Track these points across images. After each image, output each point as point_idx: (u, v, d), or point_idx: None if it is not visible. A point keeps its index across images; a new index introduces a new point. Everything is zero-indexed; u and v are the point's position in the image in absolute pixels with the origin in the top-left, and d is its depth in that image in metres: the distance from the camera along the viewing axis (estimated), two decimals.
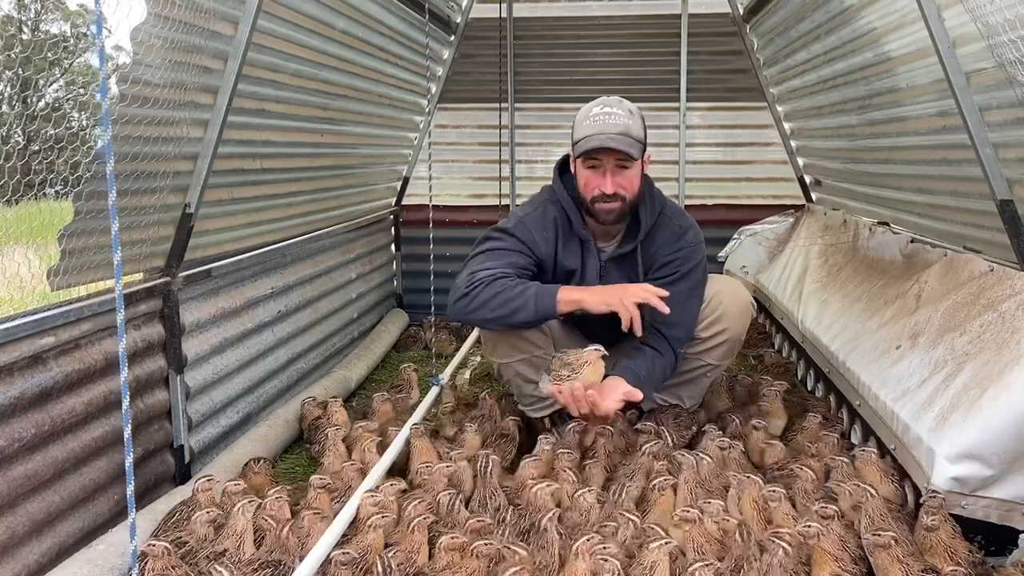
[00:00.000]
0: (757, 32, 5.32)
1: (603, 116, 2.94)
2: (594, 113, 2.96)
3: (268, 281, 3.73)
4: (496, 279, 2.89)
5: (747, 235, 5.53)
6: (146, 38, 2.36)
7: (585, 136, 2.95)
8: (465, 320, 2.99)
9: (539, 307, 2.86)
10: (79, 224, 2.33)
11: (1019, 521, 2.26)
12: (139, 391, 2.75)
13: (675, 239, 3.12)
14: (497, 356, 3.17)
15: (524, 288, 2.88)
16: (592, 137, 2.92)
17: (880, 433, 2.81)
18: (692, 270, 3.11)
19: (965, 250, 3.07)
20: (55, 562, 2.25)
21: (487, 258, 2.99)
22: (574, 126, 3.02)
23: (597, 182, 2.97)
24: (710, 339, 3.16)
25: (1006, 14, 2.18)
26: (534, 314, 2.87)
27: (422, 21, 4.60)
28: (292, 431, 3.45)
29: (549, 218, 3.08)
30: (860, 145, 4.10)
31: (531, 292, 2.87)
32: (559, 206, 3.10)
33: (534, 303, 2.86)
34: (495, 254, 3.00)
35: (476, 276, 2.90)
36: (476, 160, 5.88)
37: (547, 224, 3.07)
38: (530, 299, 2.86)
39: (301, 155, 3.98)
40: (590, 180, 2.99)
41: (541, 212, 3.10)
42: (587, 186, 3.00)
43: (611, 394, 2.83)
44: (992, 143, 2.56)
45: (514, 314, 2.87)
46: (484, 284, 2.88)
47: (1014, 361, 2.28)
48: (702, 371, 3.24)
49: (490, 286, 2.88)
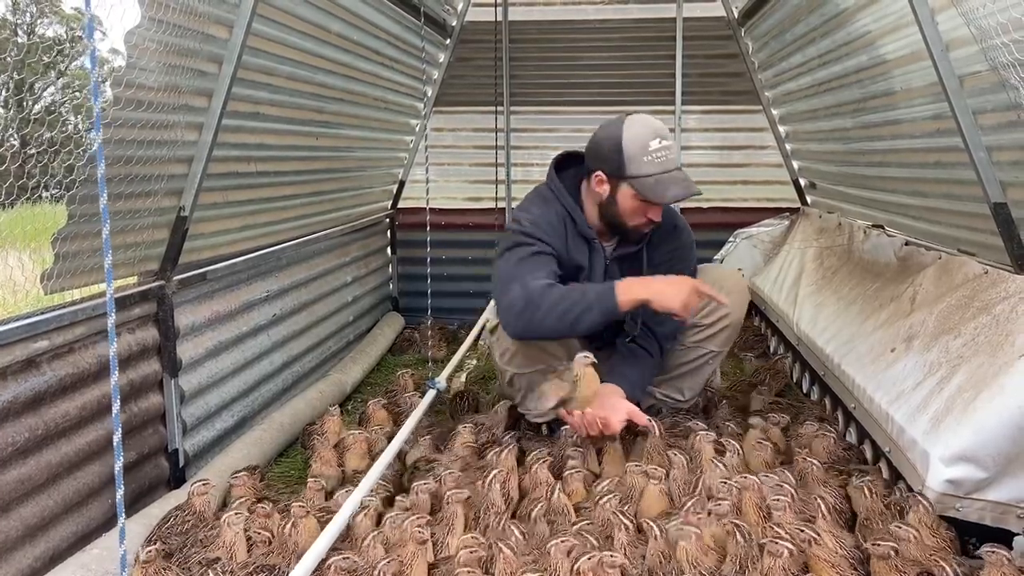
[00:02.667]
0: (752, 35, 5.33)
1: (664, 152, 2.89)
2: (653, 149, 2.88)
3: (263, 284, 3.73)
4: (551, 287, 2.86)
5: (743, 238, 5.54)
6: (140, 41, 2.36)
7: (654, 176, 2.87)
8: (529, 335, 2.93)
9: (603, 310, 2.82)
10: (73, 227, 2.32)
11: (1014, 523, 2.26)
12: (133, 395, 2.74)
13: (671, 239, 3.17)
14: (514, 366, 3.13)
15: (583, 293, 2.85)
16: (664, 179, 2.87)
17: (875, 436, 2.81)
18: (684, 270, 3.13)
19: (959, 253, 3.07)
20: (48, 567, 2.25)
21: (529, 268, 2.92)
22: (626, 156, 2.89)
23: (649, 211, 2.95)
24: (713, 325, 3.19)
25: (999, 17, 2.18)
26: (600, 316, 2.83)
27: (417, 24, 4.60)
28: (287, 435, 3.44)
29: (559, 217, 3.06)
30: (855, 148, 4.11)
31: (592, 296, 2.83)
32: (561, 205, 3.08)
33: (598, 306, 2.82)
34: (534, 262, 2.94)
35: (530, 288, 2.83)
36: (472, 163, 5.88)
37: (557, 223, 3.05)
38: (593, 303, 2.82)
39: (296, 158, 3.97)
40: (641, 209, 2.94)
41: (552, 212, 3.06)
42: (636, 214, 2.96)
43: (616, 413, 2.83)
44: (986, 146, 2.57)
45: (579, 320, 2.82)
46: (542, 295, 2.83)
47: (1008, 364, 2.28)
48: (704, 358, 3.27)
49: (548, 296, 2.83)
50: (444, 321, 5.32)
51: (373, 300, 5.43)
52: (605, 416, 2.79)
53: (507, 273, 2.92)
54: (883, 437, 2.71)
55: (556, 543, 2.12)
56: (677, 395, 3.31)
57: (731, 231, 5.58)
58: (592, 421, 2.79)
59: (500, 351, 3.17)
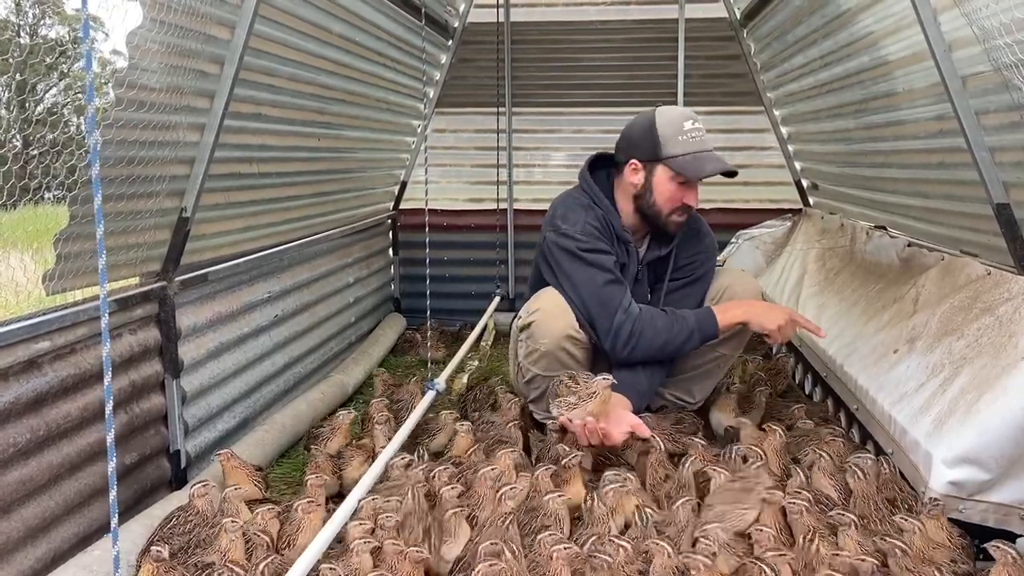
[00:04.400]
0: (754, 36, 5.33)
1: (698, 133, 3.00)
2: (687, 129, 2.99)
3: (265, 285, 3.72)
4: (653, 315, 2.99)
5: (745, 239, 5.53)
6: (142, 42, 2.36)
7: (692, 154, 2.98)
8: (633, 360, 3.02)
9: (704, 335, 3.01)
10: (75, 228, 2.32)
11: (1017, 525, 2.26)
12: (135, 396, 2.74)
13: (696, 243, 3.22)
14: (540, 368, 3.12)
15: (685, 319, 2.99)
16: (701, 156, 2.98)
17: (877, 437, 2.81)
18: (706, 274, 3.19)
19: (962, 254, 3.07)
20: (50, 568, 2.24)
21: (620, 288, 3.01)
22: (661, 137, 2.99)
23: (685, 195, 3.02)
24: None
25: (1002, 18, 2.18)
26: (700, 341, 3.01)
27: (419, 25, 4.60)
28: (289, 436, 3.44)
29: (602, 222, 3.09)
30: (857, 149, 4.11)
31: (693, 322, 2.98)
32: (600, 209, 3.10)
33: (699, 333, 3.00)
34: (617, 279, 3.02)
35: (634, 315, 2.96)
36: (474, 164, 5.88)
37: (605, 228, 3.09)
38: (695, 329, 2.99)
39: (298, 159, 3.97)
40: (677, 193, 3.02)
41: (595, 217, 3.08)
42: (672, 199, 3.02)
43: (619, 425, 2.82)
44: (988, 147, 2.57)
45: (683, 347, 3.02)
46: (649, 323, 2.96)
47: (1011, 365, 2.28)
48: (716, 363, 3.28)
49: (654, 324, 2.97)
50: (446, 322, 5.32)
51: (375, 301, 5.43)
52: (606, 429, 2.78)
53: (595, 296, 2.99)
54: (885, 438, 2.71)
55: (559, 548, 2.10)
56: (687, 396, 3.32)
57: (733, 232, 5.56)
58: (593, 431, 2.78)
59: (527, 350, 3.15)
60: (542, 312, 3.09)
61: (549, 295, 3.11)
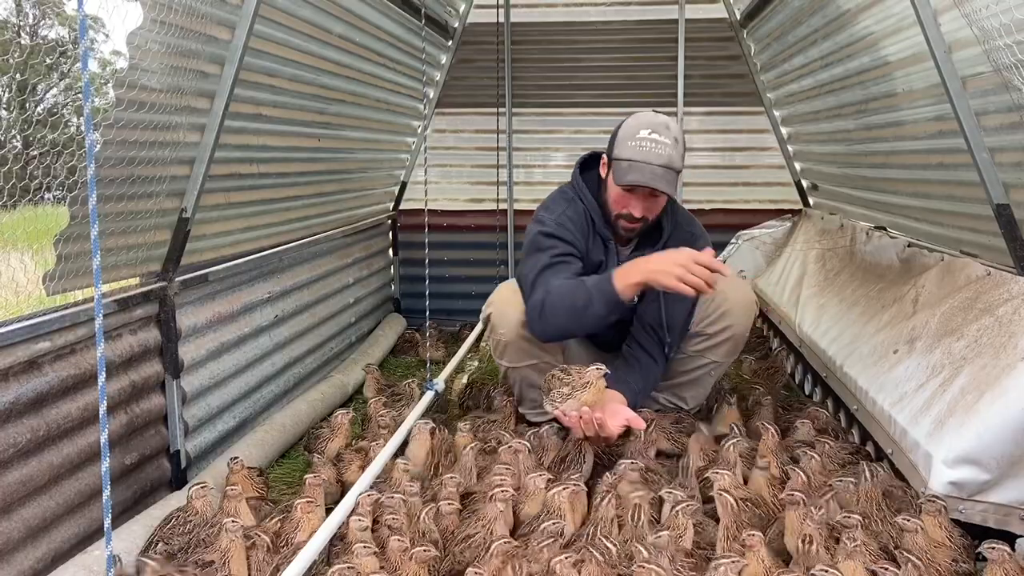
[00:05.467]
0: (754, 37, 5.33)
1: (649, 143, 2.86)
2: (641, 137, 2.87)
3: (265, 286, 3.72)
4: (561, 286, 2.88)
5: (745, 240, 5.53)
6: (143, 43, 2.36)
7: (628, 160, 2.88)
8: (551, 336, 2.99)
9: (605, 299, 2.81)
10: (75, 229, 2.32)
11: (1016, 525, 2.26)
12: (135, 396, 2.74)
13: (687, 245, 3.13)
14: (507, 360, 3.16)
15: (583, 283, 2.86)
16: (635, 166, 2.87)
17: (877, 437, 2.81)
18: None
19: (962, 254, 3.07)
20: (50, 568, 2.24)
21: (554, 271, 2.96)
22: (617, 137, 2.96)
23: (627, 203, 2.97)
24: (715, 335, 3.18)
25: (1002, 18, 2.18)
26: (603, 307, 2.82)
27: (419, 26, 4.60)
28: (289, 436, 3.44)
29: (582, 216, 3.08)
30: (857, 150, 4.11)
31: (591, 285, 2.83)
32: (583, 204, 3.10)
33: (598, 296, 2.81)
34: (558, 264, 2.97)
35: (550, 288, 2.89)
36: (474, 165, 5.88)
37: (581, 222, 3.07)
38: (593, 293, 2.82)
39: (298, 160, 3.97)
40: (620, 199, 2.98)
41: (574, 211, 3.08)
42: (616, 203, 3.00)
43: (614, 417, 2.81)
44: (988, 147, 2.57)
45: (586, 313, 2.83)
46: (555, 293, 2.87)
47: (1011, 366, 2.28)
48: (706, 369, 3.25)
49: (559, 293, 2.87)
50: (446, 322, 5.32)
51: (375, 301, 5.43)
52: (602, 419, 2.77)
53: (532, 276, 2.97)
54: (885, 439, 2.71)
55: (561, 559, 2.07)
56: (680, 403, 3.30)
57: (733, 233, 5.57)
58: (589, 422, 2.77)
59: (493, 344, 3.21)
60: (497, 303, 3.14)
61: (505, 285, 3.18)
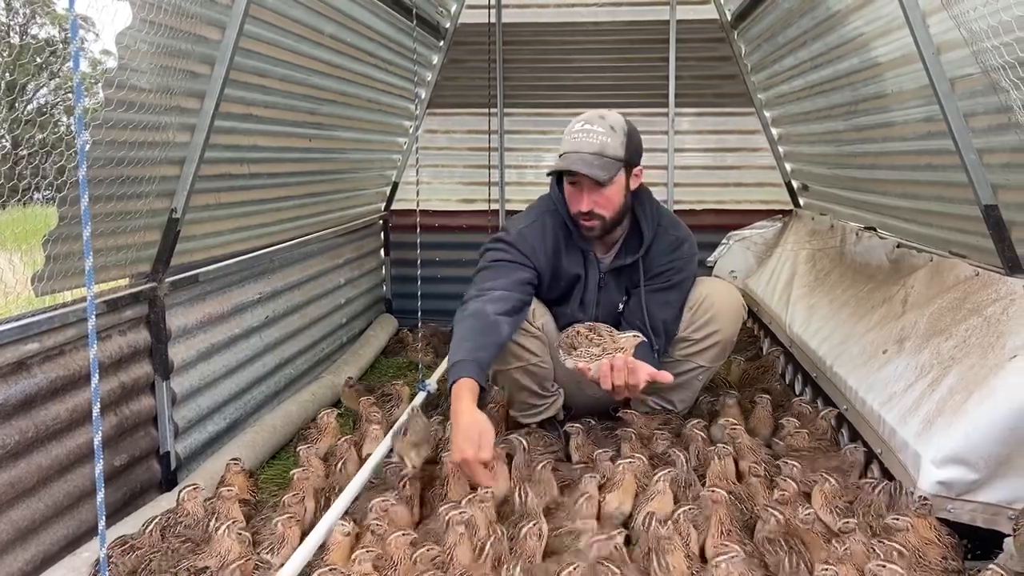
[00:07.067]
0: (744, 38, 5.35)
1: (581, 134, 2.92)
2: (575, 130, 2.95)
3: (255, 286, 3.72)
4: (470, 317, 2.80)
5: (736, 240, 5.55)
6: (132, 43, 2.35)
7: (562, 153, 2.96)
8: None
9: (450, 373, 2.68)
10: (64, 229, 2.31)
11: (1005, 525, 2.27)
12: (125, 397, 2.73)
13: (671, 250, 3.14)
14: (496, 363, 3.14)
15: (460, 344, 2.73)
16: (565, 156, 2.94)
17: (866, 437, 2.82)
18: (683, 281, 3.14)
19: (951, 255, 3.08)
20: (39, 569, 2.24)
21: (491, 275, 2.96)
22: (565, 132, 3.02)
23: (574, 199, 2.99)
24: (702, 340, 3.17)
25: (989, 20, 2.19)
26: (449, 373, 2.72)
27: (410, 26, 4.60)
28: (279, 437, 3.43)
29: (548, 229, 3.07)
30: (847, 151, 4.13)
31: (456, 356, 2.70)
32: (558, 216, 3.09)
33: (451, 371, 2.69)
34: (498, 270, 2.98)
35: (469, 301, 2.87)
36: (465, 165, 5.88)
37: (546, 235, 3.07)
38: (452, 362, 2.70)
39: (289, 160, 3.96)
40: (570, 197, 3.01)
41: (540, 224, 3.08)
42: (569, 202, 3.03)
43: (640, 372, 2.76)
44: (976, 148, 2.58)
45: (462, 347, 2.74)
46: (462, 314, 2.84)
47: (999, 365, 2.29)
48: (694, 374, 3.24)
49: (462, 321, 2.81)
50: (437, 323, 5.31)
51: (366, 302, 5.42)
52: (635, 364, 2.74)
53: (474, 274, 3.02)
54: (874, 438, 2.72)
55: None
56: (669, 405, 3.29)
57: (724, 233, 5.58)
58: (622, 368, 2.73)
59: None
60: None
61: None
